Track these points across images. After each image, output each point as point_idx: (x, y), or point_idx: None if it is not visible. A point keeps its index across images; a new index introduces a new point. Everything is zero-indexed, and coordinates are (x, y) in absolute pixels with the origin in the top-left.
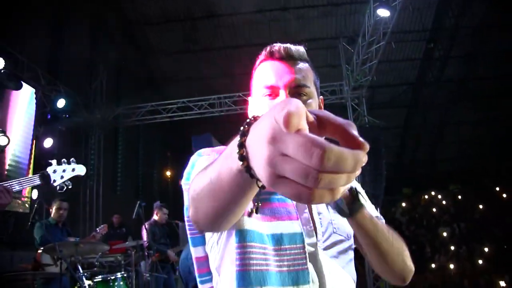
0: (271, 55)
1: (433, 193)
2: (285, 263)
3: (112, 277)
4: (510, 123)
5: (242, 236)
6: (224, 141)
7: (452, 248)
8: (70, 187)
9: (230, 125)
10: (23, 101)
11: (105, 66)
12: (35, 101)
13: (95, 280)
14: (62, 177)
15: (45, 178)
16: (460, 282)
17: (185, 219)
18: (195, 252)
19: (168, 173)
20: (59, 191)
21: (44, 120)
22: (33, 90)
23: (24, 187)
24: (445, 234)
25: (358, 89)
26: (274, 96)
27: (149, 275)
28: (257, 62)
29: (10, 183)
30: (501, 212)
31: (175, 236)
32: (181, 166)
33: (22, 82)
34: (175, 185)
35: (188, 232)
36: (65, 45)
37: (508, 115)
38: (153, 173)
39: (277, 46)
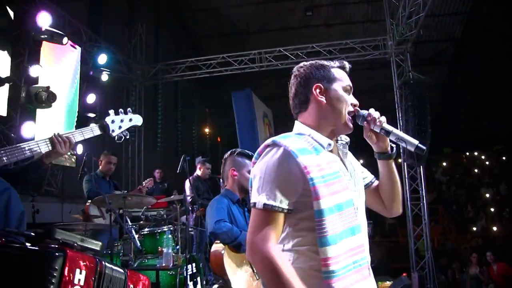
0: (343, 68)
1: (475, 153)
2: (346, 221)
3: (159, 231)
4: None
5: (318, 214)
6: (264, 96)
7: (493, 210)
8: (128, 137)
9: (270, 80)
10: (71, 59)
11: (144, 22)
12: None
13: (142, 233)
14: (120, 127)
15: (105, 128)
16: (504, 245)
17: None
18: None
19: (207, 130)
20: (118, 141)
21: (87, 76)
22: (80, 49)
23: (85, 137)
24: (487, 195)
25: (403, 44)
26: (350, 93)
27: (194, 229)
28: (331, 65)
29: (72, 133)
30: None
31: (217, 190)
32: (220, 123)
33: (67, 39)
34: (213, 141)
35: None
36: (104, 2)
37: None
38: (192, 129)
39: (346, 63)
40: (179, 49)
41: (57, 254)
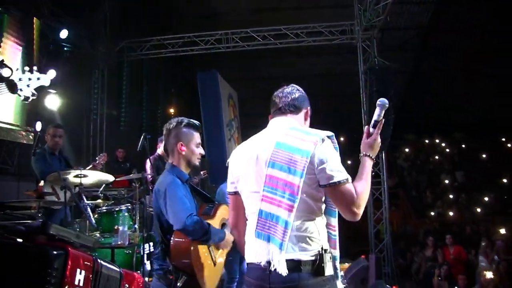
0: None
1: (437, 140)
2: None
3: (117, 209)
4: None
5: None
6: (231, 78)
7: (452, 196)
8: (35, 97)
9: (236, 62)
10: (29, 31)
11: None
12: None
13: (99, 211)
14: (28, 85)
15: (13, 86)
16: (458, 229)
17: None
18: None
19: (172, 110)
20: (25, 101)
21: (47, 51)
22: (39, 21)
23: None
24: (446, 181)
25: (370, 30)
26: None
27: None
28: None
29: None
30: (505, 162)
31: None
32: (186, 103)
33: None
34: None
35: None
36: None
37: None
38: (158, 109)
39: None
40: (145, 27)
41: (58, 252)
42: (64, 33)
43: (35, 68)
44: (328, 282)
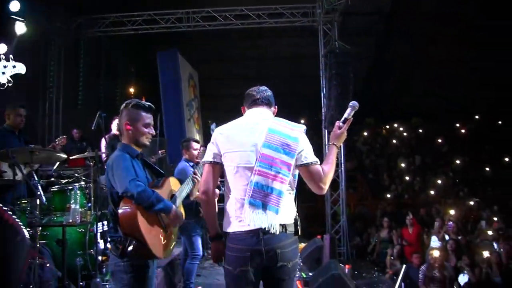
0: None
1: (395, 125)
2: None
3: (70, 188)
4: (480, 64)
5: None
6: (192, 58)
7: (407, 178)
8: (10, 84)
9: (198, 42)
10: None
11: None
12: None
13: (51, 190)
14: (3, 73)
15: None
16: (413, 211)
17: None
18: None
19: (132, 89)
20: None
21: None
22: None
23: None
24: (403, 165)
25: (331, 13)
26: None
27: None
28: None
29: None
30: (459, 146)
31: None
32: (145, 82)
33: None
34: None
35: None
36: None
37: (480, 57)
38: (116, 87)
39: None
40: (103, 3)
41: None
42: (15, 6)
43: (11, 56)
44: (297, 241)
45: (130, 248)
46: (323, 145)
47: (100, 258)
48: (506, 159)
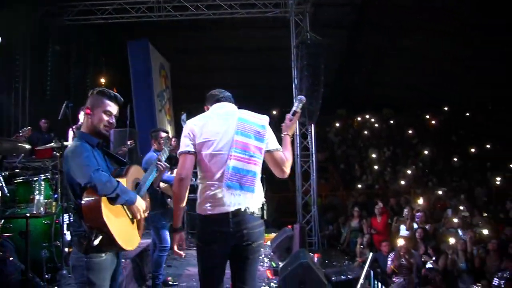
0: None
1: (367, 116)
2: None
3: (34, 179)
4: (451, 56)
5: None
6: (163, 48)
7: (377, 168)
8: None
9: (169, 32)
10: None
11: None
12: None
13: (15, 181)
14: None
15: None
16: (383, 201)
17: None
18: None
19: (103, 80)
20: None
21: None
22: None
23: None
24: (373, 156)
25: (303, 4)
26: None
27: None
28: None
29: None
30: (428, 137)
31: (106, 141)
32: (116, 72)
33: None
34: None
35: None
36: None
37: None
38: (86, 77)
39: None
40: None
41: None
42: None
43: None
44: (263, 224)
45: (96, 242)
46: (294, 135)
47: (66, 250)
48: (473, 150)
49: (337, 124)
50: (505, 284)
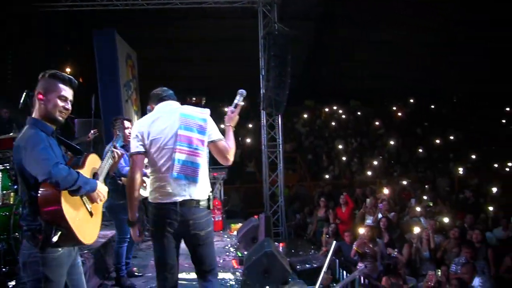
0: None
1: (334, 107)
2: None
3: None
4: (417, 49)
5: None
6: (130, 37)
7: (344, 158)
8: None
9: (136, 21)
10: None
11: None
12: None
13: None
14: None
15: None
16: (349, 191)
17: None
18: None
19: (68, 69)
20: None
21: None
22: None
23: None
24: (340, 146)
25: None
26: None
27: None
28: None
29: None
30: (394, 129)
31: (69, 130)
32: (81, 61)
33: None
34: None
35: None
36: None
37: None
38: (51, 67)
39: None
40: None
41: None
42: None
43: None
44: (209, 213)
45: (55, 238)
46: (261, 126)
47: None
48: (437, 141)
49: (305, 115)
50: (461, 269)
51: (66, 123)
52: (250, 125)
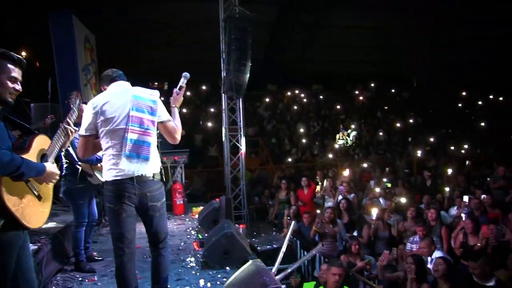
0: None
1: (296, 91)
2: None
3: None
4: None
5: None
6: (87, 20)
7: (306, 142)
8: None
9: (94, 3)
10: None
11: None
12: None
13: None
14: None
15: None
16: (310, 174)
17: None
18: None
19: (24, 53)
20: None
21: None
22: None
23: None
24: (302, 130)
25: None
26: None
27: None
28: None
29: None
30: (356, 112)
31: (25, 115)
32: (38, 45)
33: None
34: (31, 65)
35: None
36: None
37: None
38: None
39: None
40: None
41: None
42: None
43: None
44: (162, 186)
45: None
46: (221, 110)
47: None
48: (398, 125)
49: (267, 99)
50: (419, 243)
51: (22, 107)
52: (212, 109)
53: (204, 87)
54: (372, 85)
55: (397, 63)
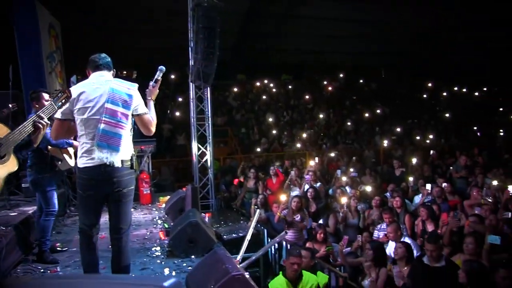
0: None
1: (266, 81)
2: None
3: None
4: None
5: None
6: (52, 7)
7: (274, 132)
8: None
9: None
10: None
11: None
12: None
13: None
14: None
15: None
16: (280, 163)
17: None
18: None
19: None
20: None
21: None
22: None
23: None
24: (271, 119)
25: None
26: None
27: None
28: None
29: None
30: (324, 102)
31: None
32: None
33: None
34: None
35: None
36: None
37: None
38: None
39: None
40: None
41: None
42: None
43: None
44: (132, 173)
45: None
46: (189, 99)
47: None
48: (366, 115)
49: (236, 89)
50: (386, 230)
51: None
52: (180, 99)
53: (172, 76)
54: (341, 75)
55: (366, 54)
